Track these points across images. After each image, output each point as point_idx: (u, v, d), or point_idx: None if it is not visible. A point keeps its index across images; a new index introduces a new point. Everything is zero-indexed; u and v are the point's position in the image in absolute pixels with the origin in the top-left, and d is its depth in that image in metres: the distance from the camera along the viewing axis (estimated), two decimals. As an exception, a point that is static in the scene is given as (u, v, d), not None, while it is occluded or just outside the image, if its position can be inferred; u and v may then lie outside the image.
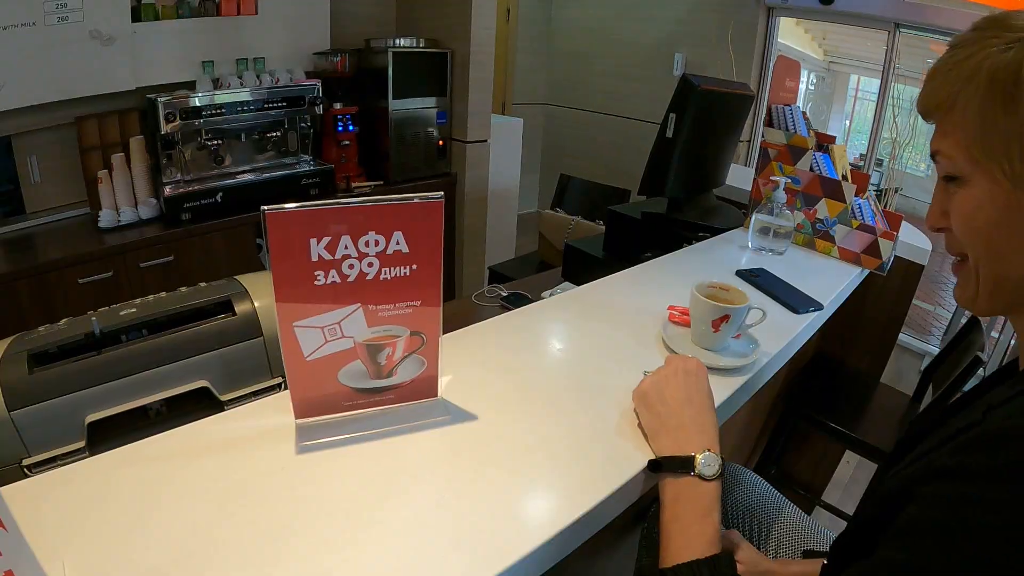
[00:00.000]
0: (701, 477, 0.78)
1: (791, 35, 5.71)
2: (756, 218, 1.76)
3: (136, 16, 2.88)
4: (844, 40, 8.18)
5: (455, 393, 0.96)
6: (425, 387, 0.90)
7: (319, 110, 3.34)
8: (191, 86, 3.06)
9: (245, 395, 1.13)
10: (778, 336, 1.25)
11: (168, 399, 1.13)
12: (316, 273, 0.74)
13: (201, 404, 1.13)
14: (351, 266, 0.75)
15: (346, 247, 0.74)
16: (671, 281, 1.53)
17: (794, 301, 1.42)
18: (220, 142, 3.06)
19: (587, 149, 5.89)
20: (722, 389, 1.04)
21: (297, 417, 0.87)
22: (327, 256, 0.74)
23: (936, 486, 0.55)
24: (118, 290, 2.69)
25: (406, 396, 0.89)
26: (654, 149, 1.78)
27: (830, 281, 1.61)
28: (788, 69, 2.00)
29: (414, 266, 0.78)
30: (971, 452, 0.54)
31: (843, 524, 2.45)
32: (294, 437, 0.85)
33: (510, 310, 1.83)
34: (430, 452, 0.84)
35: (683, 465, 0.80)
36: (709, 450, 0.80)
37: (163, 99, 2.79)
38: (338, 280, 0.76)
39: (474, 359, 1.09)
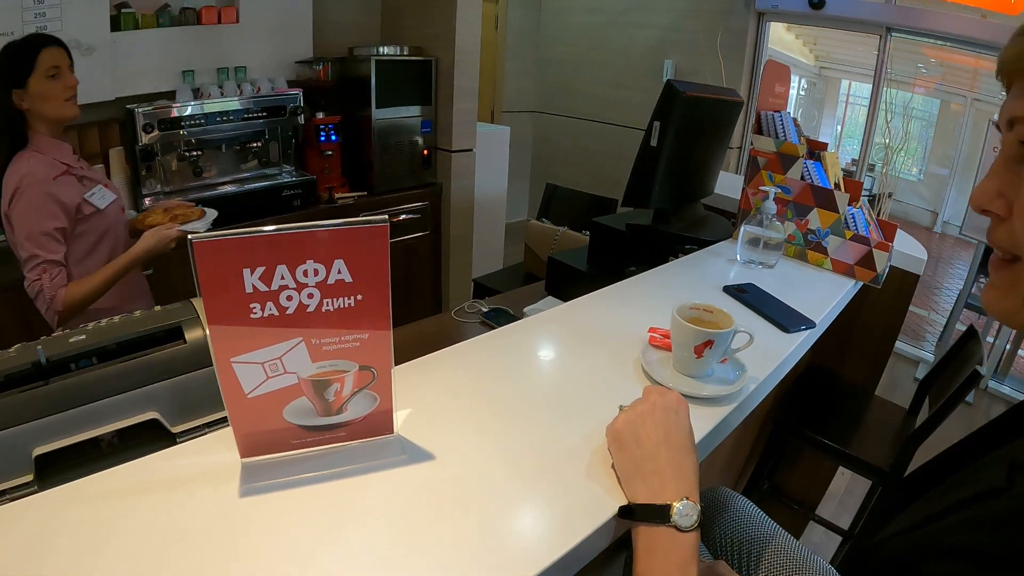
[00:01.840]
0: (677, 528, 0.71)
1: (781, 41, 5.70)
2: (745, 229, 1.69)
3: (115, 25, 2.83)
4: (835, 45, 8.21)
5: (414, 428, 0.89)
6: (379, 423, 0.82)
7: (301, 120, 3.30)
8: (171, 96, 3.01)
9: (198, 427, 1.06)
10: (767, 359, 1.18)
11: (120, 430, 1.07)
12: (252, 306, 0.67)
13: (153, 435, 1.06)
14: (289, 297, 0.68)
15: (283, 277, 0.67)
16: (655, 299, 1.46)
17: (784, 319, 1.35)
18: (200, 153, 3.01)
19: (577, 157, 5.86)
20: (705, 420, 0.97)
21: (242, 456, 0.80)
22: (262, 287, 0.67)
23: (950, 566, 0.47)
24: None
25: (359, 433, 0.82)
26: (638, 158, 1.71)
27: (823, 295, 1.55)
28: (778, 74, 1.94)
29: (359, 296, 0.70)
30: (994, 531, 0.45)
31: (838, 540, 2.43)
32: (239, 477, 0.79)
33: (490, 327, 1.78)
34: (382, 496, 0.76)
35: (658, 514, 0.72)
36: (687, 498, 0.72)
37: (140, 109, 2.74)
38: (276, 313, 0.68)
39: (438, 389, 1.02)
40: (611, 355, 1.16)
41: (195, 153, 2.99)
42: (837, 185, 1.82)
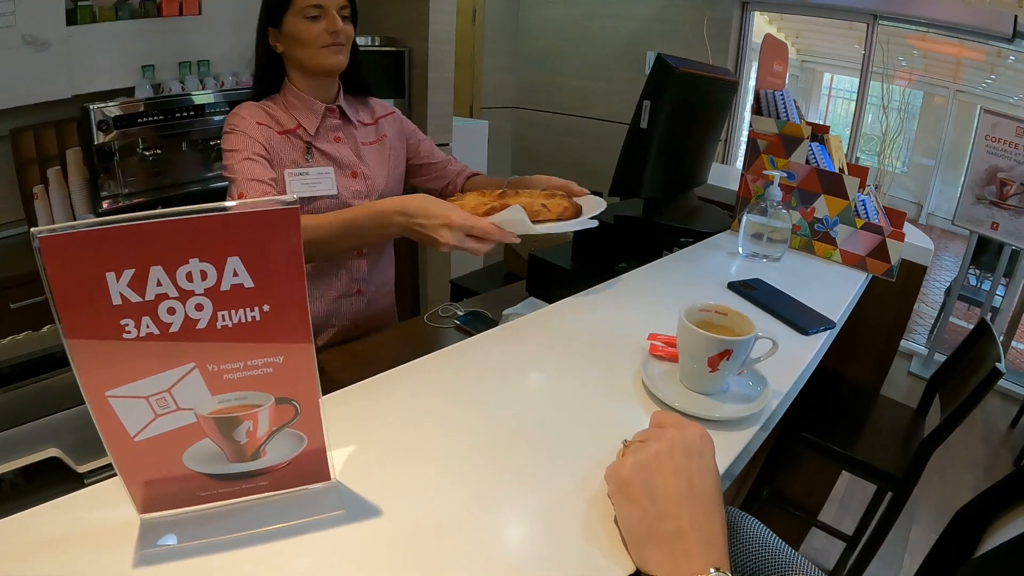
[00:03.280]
0: None
1: (763, 34, 5.60)
2: (748, 220, 1.53)
3: (72, 19, 2.66)
4: (817, 38, 8.13)
5: (358, 472, 0.70)
6: (310, 468, 0.64)
7: (266, 114, 3.11)
8: (131, 93, 2.85)
9: (109, 464, 0.88)
10: (786, 366, 1.01)
11: (26, 468, 0.89)
12: (123, 322, 0.49)
13: (59, 475, 0.89)
14: (171, 310, 0.50)
15: (159, 283, 0.48)
16: (651, 298, 1.29)
17: (801, 320, 1.18)
18: (159, 152, 2.81)
19: (559, 153, 5.73)
20: (724, 448, 0.79)
21: (141, 512, 0.62)
22: (135, 297, 0.49)
23: None
24: (52, 316, 2.45)
25: (285, 481, 0.64)
26: (627, 143, 1.54)
27: (835, 291, 1.39)
28: (776, 50, 1.79)
29: (265, 307, 0.53)
30: None
31: (840, 545, 2.31)
32: (136, 539, 0.61)
33: (467, 332, 1.61)
34: (312, 563, 0.59)
35: None
36: (718, 568, 0.55)
37: (95, 107, 2.58)
38: (156, 331, 0.50)
39: (391, 418, 0.83)
40: (605, 368, 0.98)
41: (154, 152, 2.79)
42: (842, 170, 1.67)
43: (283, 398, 0.58)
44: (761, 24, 5.00)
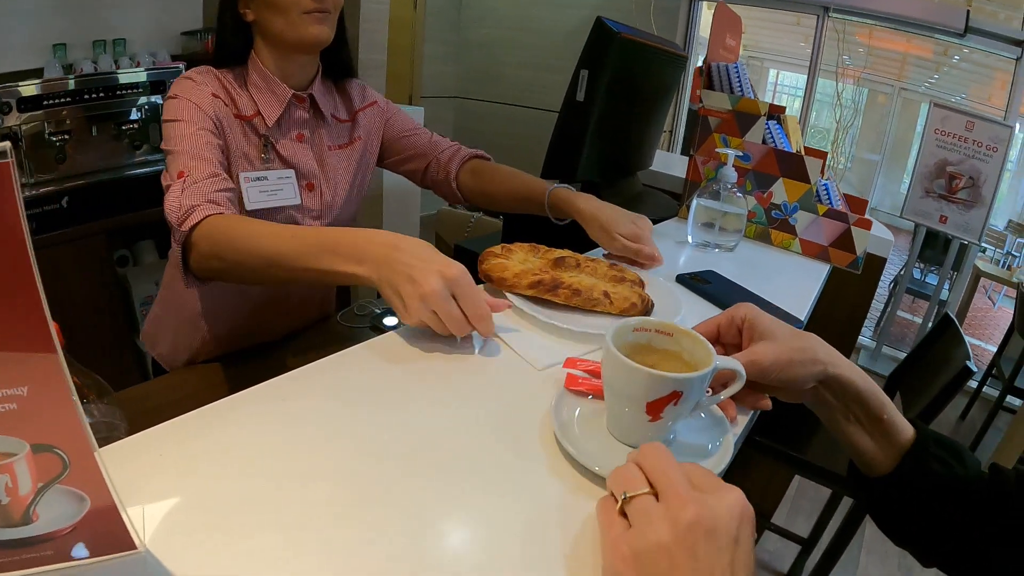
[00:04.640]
0: None
1: (708, 28, 5.56)
2: (698, 205, 1.37)
3: (-23, -7, 2.45)
4: (764, 34, 8.16)
5: (177, 539, 0.49)
6: (106, 534, 0.45)
7: (183, 97, 2.90)
8: (40, 74, 2.66)
9: None
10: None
11: None
12: None
13: None
14: None
15: None
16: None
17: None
18: (66, 137, 2.62)
19: (502, 144, 5.62)
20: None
21: None
22: None
23: None
24: None
25: (75, 552, 0.44)
26: (560, 119, 1.38)
27: (797, 285, 1.26)
28: (730, 22, 1.64)
29: None
30: None
31: (796, 548, 2.22)
32: None
33: (381, 331, 1.43)
34: None
35: None
36: None
37: None
38: None
39: (229, 462, 0.59)
40: (502, 412, 0.71)
41: (61, 137, 2.60)
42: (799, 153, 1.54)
43: (41, 445, 0.38)
44: (707, 19, 4.98)
